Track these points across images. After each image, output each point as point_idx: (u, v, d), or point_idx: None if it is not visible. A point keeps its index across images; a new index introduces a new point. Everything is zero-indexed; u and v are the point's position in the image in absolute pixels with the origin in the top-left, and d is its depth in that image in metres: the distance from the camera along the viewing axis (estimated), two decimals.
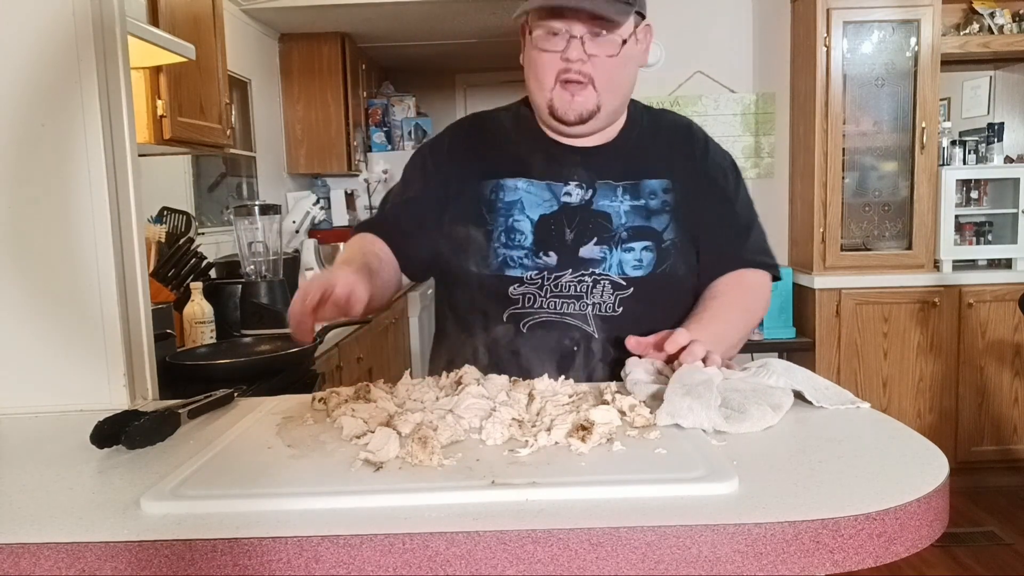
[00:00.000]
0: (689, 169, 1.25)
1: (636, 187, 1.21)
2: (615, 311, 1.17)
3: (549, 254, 1.18)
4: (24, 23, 1.09)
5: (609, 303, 1.17)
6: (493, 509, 0.66)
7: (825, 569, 0.63)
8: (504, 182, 1.22)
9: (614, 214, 1.19)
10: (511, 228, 1.19)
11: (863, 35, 3.31)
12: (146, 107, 2.10)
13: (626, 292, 1.17)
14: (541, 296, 1.17)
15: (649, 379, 0.97)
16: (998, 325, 3.30)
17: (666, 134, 1.28)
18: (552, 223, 1.19)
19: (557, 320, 1.16)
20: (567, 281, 1.17)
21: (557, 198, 1.20)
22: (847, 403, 0.92)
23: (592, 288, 1.17)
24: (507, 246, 1.18)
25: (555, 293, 1.17)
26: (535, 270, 1.17)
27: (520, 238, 1.18)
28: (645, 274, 1.18)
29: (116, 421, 0.88)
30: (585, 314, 1.16)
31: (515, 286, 1.17)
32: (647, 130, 1.27)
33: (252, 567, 0.62)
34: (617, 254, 1.18)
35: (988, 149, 3.48)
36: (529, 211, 1.20)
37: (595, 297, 1.17)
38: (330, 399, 0.97)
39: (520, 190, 1.21)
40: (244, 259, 2.65)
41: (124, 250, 1.16)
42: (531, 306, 1.17)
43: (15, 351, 1.12)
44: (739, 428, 0.83)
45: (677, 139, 1.28)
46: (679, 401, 0.84)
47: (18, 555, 0.64)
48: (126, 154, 1.16)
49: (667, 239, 1.20)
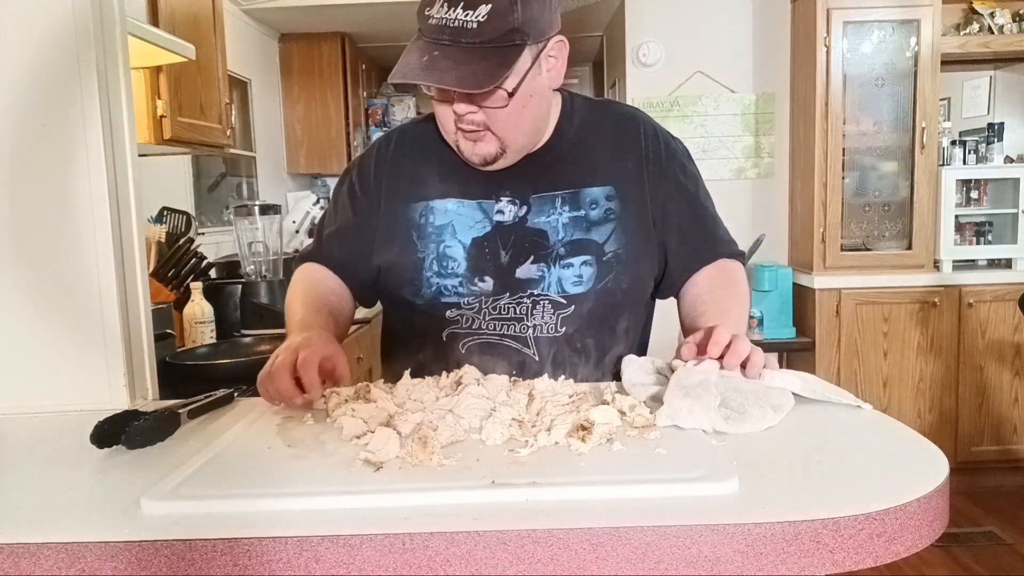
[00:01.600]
0: (640, 170, 1.17)
1: (576, 196, 1.14)
2: (558, 331, 1.12)
3: (484, 279, 1.12)
4: (24, 23, 1.09)
5: (551, 323, 1.12)
6: (493, 509, 0.66)
7: (825, 569, 0.63)
8: (433, 204, 1.15)
9: (550, 229, 1.13)
10: (443, 255, 1.13)
11: (863, 35, 3.31)
12: (146, 107, 2.10)
13: (567, 311, 1.12)
14: (479, 319, 1.13)
15: (647, 380, 0.97)
16: (998, 325, 3.30)
17: (610, 131, 1.19)
18: (486, 246, 1.13)
19: (497, 342, 1.12)
20: (505, 304, 1.12)
21: (489, 217, 1.14)
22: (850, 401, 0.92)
23: (532, 310, 1.12)
24: (440, 275, 1.13)
25: (493, 316, 1.12)
26: (470, 296, 1.13)
27: (453, 265, 1.13)
28: (585, 290, 1.12)
29: (116, 421, 0.88)
30: (526, 337, 1.12)
31: (451, 311, 1.14)
32: (588, 127, 1.19)
33: (252, 567, 0.62)
34: (556, 271, 1.12)
35: (988, 149, 3.48)
36: (461, 235, 1.14)
37: (535, 319, 1.12)
38: (330, 399, 0.96)
39: (450, 212, 1.14)
40: (244, 259, 2.65)
41: (124, 250, 1.16)
42: (469, 326, 1.13)
43: (15, 351, 1.12)
44: (739, 429, 0.83)
45: (623, 137, 1.19)
46: (678, 403, 0.84)
47: (18, 555, 0.64)
48: (126, 154, 1.16)
49: (608, 251, 1.13)
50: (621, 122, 1.21)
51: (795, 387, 0.93)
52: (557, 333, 1.12)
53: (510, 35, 1.00)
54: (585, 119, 1.20)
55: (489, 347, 1.12)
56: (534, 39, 1.03)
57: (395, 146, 1.23)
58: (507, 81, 1.02)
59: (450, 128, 1.09)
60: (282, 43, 4.25)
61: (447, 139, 1.12)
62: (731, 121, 3.87)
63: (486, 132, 1.07)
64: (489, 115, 1.05)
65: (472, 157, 1.09)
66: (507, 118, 1.06)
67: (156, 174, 2.85)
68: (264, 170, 3.99)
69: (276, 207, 2.81)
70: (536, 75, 1.07)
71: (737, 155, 3.90)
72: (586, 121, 1.19)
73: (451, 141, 1.11)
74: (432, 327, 1.15)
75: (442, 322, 1.14)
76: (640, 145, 1.18)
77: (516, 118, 1.07)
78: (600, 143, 1.18)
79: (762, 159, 3.88)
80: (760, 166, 3.89)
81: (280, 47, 4.25)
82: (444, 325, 1.14)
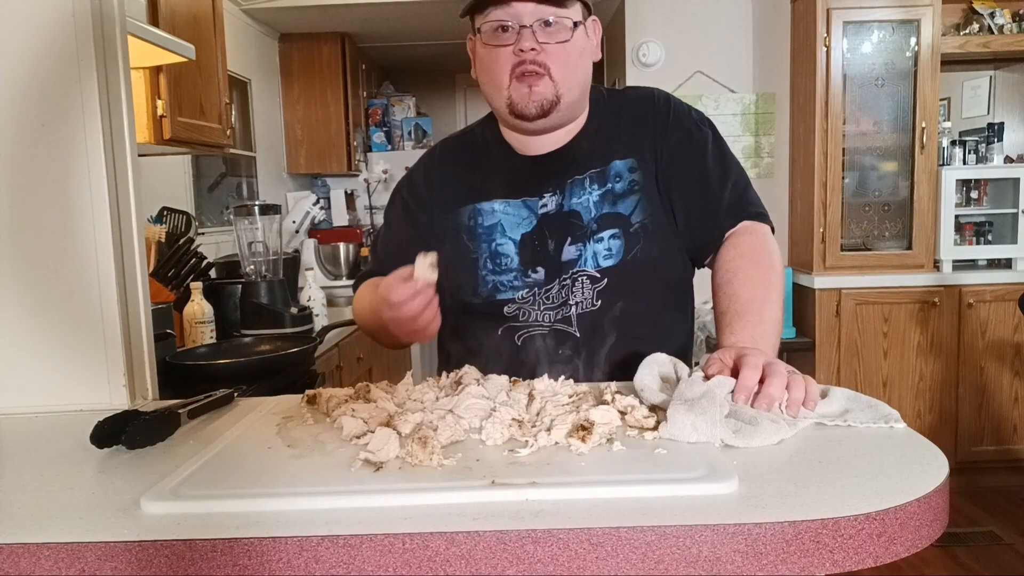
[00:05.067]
0: (656, 139, 1.20)
1: (603, 173, 1.18)
2: (594, 305, 1.15)
3: (537, 270, 1.17)
4: (24, 23, 1.09)
5: (588, 299, 1.15)
6: (493, 509, 0.66)
7: (825, 569, 0.63)
8: (480, 206, 1.20)
9: (583, 209, 1.17)
10: (496, 253, 1.18)
11: (863, 35, 3.31)
12: (146, 107, 2.10)
13: (602, 284, 1.15)
14: (534, 310, 1.17)
15: (657, 386, 0.93)
16: (998, 325, 3.30)
17: (630, 111, 1.24)
18: (535, 239, 1.18)
19: (548, 328, 1.16)
20: (555, 290, 1.17)
21: (535, 213, 1.19)
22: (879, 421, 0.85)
23: (571, 288, 1.16)
24: (495, 272, 1.18)
25: (546, 305, 1.17)
26: (525, 288, 1.17)
27: (507, 261, 1.18)
28: (616, 262, 1.15)
29: (116, 421, 0.88)
30: (570, 316, 1.15)
31: (508, 307, 1.18)
32: (611, 112, 1.23)
33: (252, 567, 0.62)
34: (590, 247, 1.16)
35: (988, 149, 3.49)
36: (510, 232, 1.19)
37: (576, 296, 1.15)
38: (327, 400, 0.96)
39: (498, 212, 1.19)
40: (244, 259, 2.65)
41: (124, 250, 1.16)
42: (525, 320, 1.17)
43: (15, 351, 1.12)
44: (749, 443, 0.79)
45: (641, 113, 1.23)
46: (682, 419, 0.81)
47: (18, 555, 0.64)
48: (126, 154, 1.16)
49: (635, 222, 1.16)
50: (639, 101, 1.25)
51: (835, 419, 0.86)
52: (595, 307, 1.15)
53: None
54: (609, 105, 1.24)
55: (542, 335, 1.16)
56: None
57: (439, 157, 1.29)
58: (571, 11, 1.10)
59: (503, 79, 1.12)
60: (282, 43, 4.25)
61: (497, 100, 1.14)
62: (731, 121, 3.87)
63: (545, 76, 1.10)
64: (551, 54, 1.10)
65: (528, 107, 1.12)
66: (566, 60, 1.11)
67: (156, 174, 2.85)
68: (264, 170, 3.99)
69: (276, 207, 2.81)
70: (584, 35, 1.14)
71: (737, 155, 3.89)
72: (610, 106, 1.24)
73: (502, 100, 1.13)
74: (491, 325, 1.18)
75: (500, 319, 1.17)
76: (652, 116, 1.22)
77: (574, 63, 1.12)
78: (623, 121, 1.22)
79: (762, 159, 3.89)
80: (760, 166, 3.89)
81: (280, 47, 4.25)
82: (502, 321, 1.17)
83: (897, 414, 0.86)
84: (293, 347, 2.08)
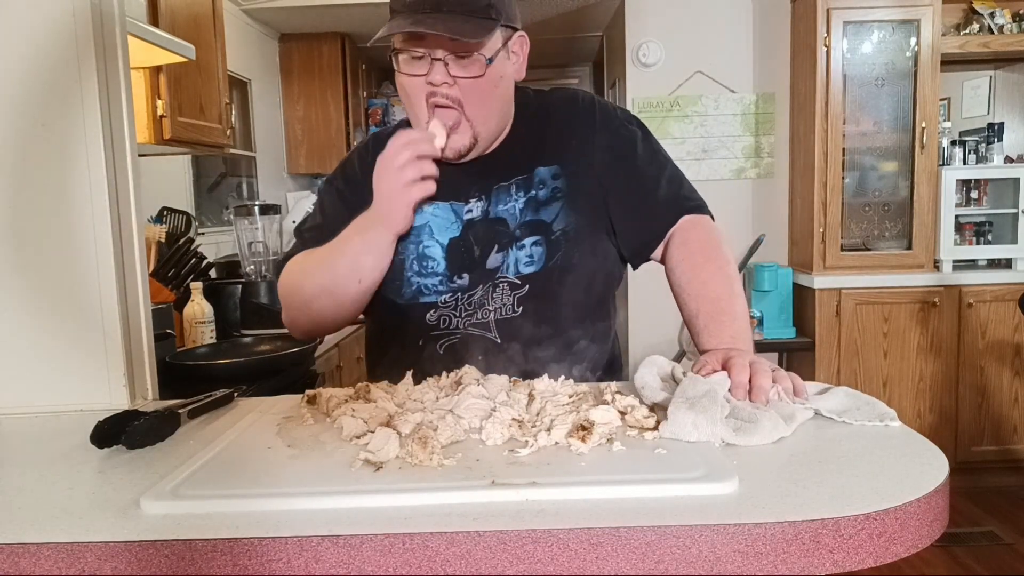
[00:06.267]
0: (584, 143, 1.19)
1: (528, 180, 1.17)
2: (515, 311, 1.15)
3: (463, 276, 1.16)
4: (24, 23, 1.09)
5: (508, 304, 1.15)
6: (493, 509, 0.66)
7: (825, 569, 0.63)
8: None
9: (509, 216, 1.16)
10: (423, 255, 1.17)
11: (863, 35, 3.31)
12: (146, 107, 2.11)
13: (522, 291, 1.15)
14: (456, 316, 1.16)
15: (658, 385, 0.93)
16: (998, 325, 3.31)
17: (556, 115, 1.22)
18: (461, 245, 1.17)
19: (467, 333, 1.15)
20: (478, 296, 1.15)
21: (461, 218, 1.18)
22: (875, 419, 0.87)
23: (492, 294, 1.15)
24: (420, 274, 1.17)
25: (468, 311, 1.16)
26: (449, 293, 1.16)
27: (433, 264, 1.17)
28: (537, 269, 1.15)
29: (116, 421, 0.88)
30: (487, 321, 1.15)
31: (431, 312, 1.16)
32: (537, 117, 1.22)
33: (252, 567, 0.62)
34: (513, 254, 1.15)
35: (988, 149, 3.49)
36: (438, 235, 1.17)
37: (495, 303, 1.15)
38: (327, 400, 0.96)
39: (426, 213, 1.18)
40: (244, 259, 2.65)
41: (124, 250, 1.16)
42: (447, 327, 1.16)
43: (15, 351, 1.12)
44: (749, 441, 0.80)
45: (567, 116, 1.21)
46: (683, 417, 0.81)
47: (18, 555, 0.64)
48: (126, 154, 1.16)
49: (556, 229, 1.15)
50: (565, 104, 1.23)
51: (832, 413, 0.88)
52: (514, 313, 1.15)
53: (487, 9, 1.06)
54: (536, 109, 1.23)
55: (462, 340, 1.15)
56: (505, 20, 1.09)
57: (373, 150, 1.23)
58: (485, 48, 1.07)
59: (421, 111, 1.10)
60: (282, 43, 4.25)
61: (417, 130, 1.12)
62: (731, 121, 3.87)
63: (460, 117, 1.09)
64: (464, 89, 1.08)
65: (447, 153, 1.11)
66: (481, 95, 1.09)
67: (156, 174, 2.85)
68: (264, 170, 3.99)
69: (276, 207, 2.82)
70: (504, 59, 1.11)
71: (737, 155, 3.90)
72: (537, 111, 1.23)
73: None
74: (412, 327, 1.17)
75: (421, 321, 1.16)
76: (579, 120, 1.21)
77: (489, 96, 1.10)
78: (549, 127, 1.21)
79: (762, 159, 3.89)
80: (760, 166, 3.89)
81: (280, 47, 4.25)
82: (423, 324, 1.16)
83: (893, 413, 0.87)
84: (293, 347, 2.08)
